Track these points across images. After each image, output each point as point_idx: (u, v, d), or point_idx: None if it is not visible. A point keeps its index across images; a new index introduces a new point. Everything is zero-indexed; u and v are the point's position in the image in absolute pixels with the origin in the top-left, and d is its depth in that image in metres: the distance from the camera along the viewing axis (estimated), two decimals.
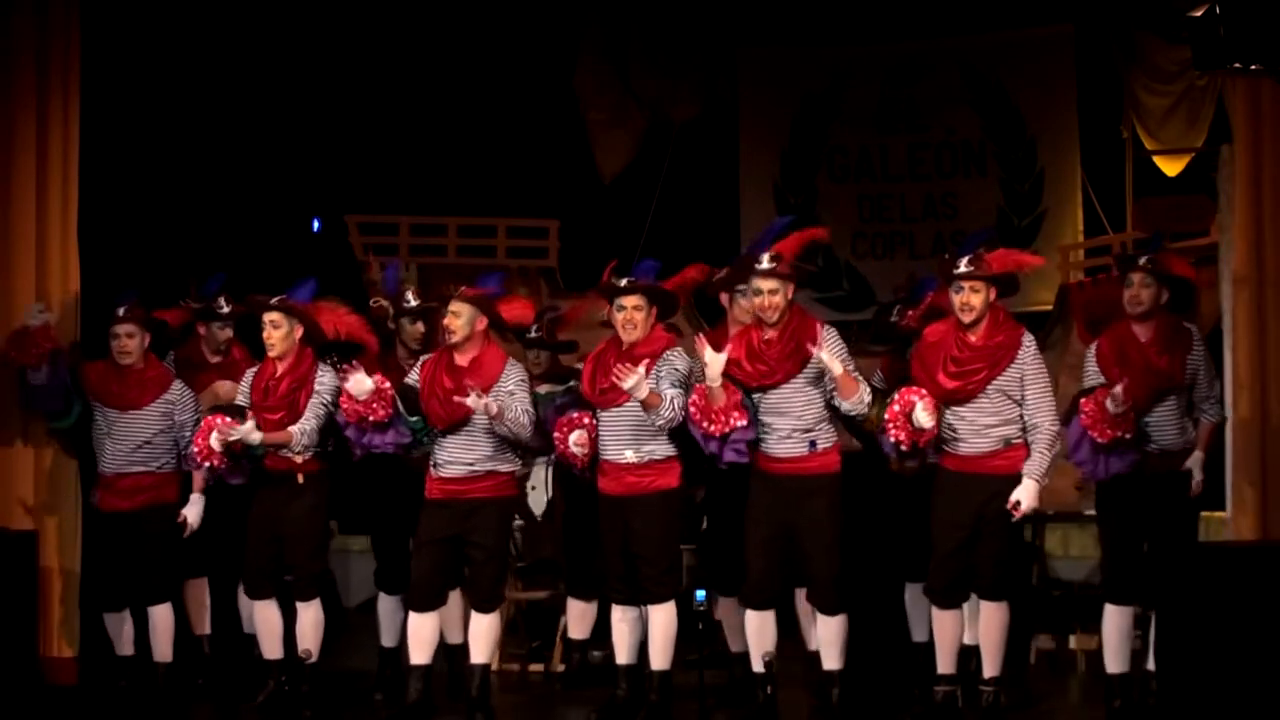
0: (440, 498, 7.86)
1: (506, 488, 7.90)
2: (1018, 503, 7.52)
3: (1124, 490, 7.64)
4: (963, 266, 7.57)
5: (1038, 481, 7.55)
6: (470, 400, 7.59)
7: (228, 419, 7.96)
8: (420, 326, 8.63)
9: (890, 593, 8.51)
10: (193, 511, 8.50)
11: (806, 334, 7.62)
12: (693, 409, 7.61)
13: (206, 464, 8.07)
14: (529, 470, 9.10)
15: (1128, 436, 7.45)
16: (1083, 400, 7.53)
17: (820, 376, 7.63)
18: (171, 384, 8.55)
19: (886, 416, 7.53)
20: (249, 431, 7.96)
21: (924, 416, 7.46)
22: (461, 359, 7.81)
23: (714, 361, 7.50)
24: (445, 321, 7.85)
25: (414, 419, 7.90)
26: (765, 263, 7.64)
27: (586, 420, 7.93)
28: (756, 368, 7.66)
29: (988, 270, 7.56)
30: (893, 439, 7.53)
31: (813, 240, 7.97)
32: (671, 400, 7.63)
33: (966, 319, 7.59)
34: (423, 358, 8.06)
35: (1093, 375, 7.67)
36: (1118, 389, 7.39)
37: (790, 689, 8.09)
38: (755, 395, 7.68)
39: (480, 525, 7.80)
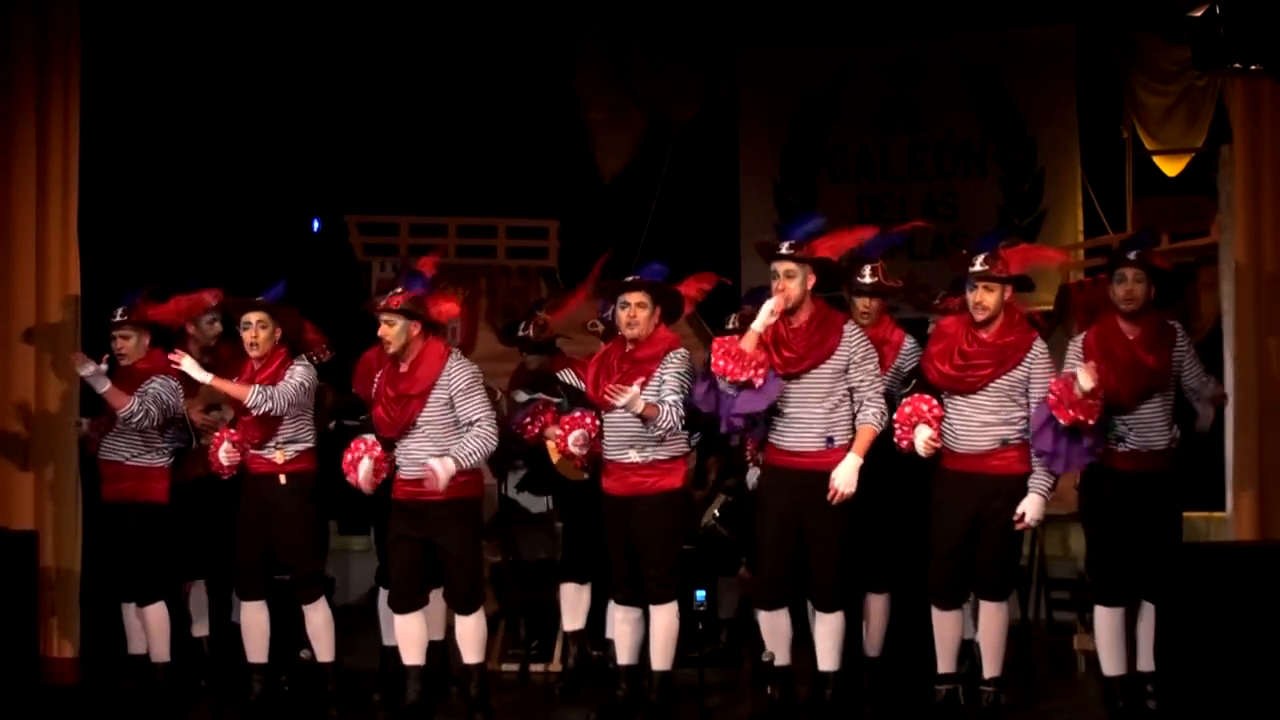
0: (402, 499, 7.81)
1: (468, 488, 7.74)
2: (1023, 515, 7.51)
3: (1108, 490, 7.60)
4: (978, 265, 7.52)
5: (1043, 495, 7.53)
6: (438, 480, 7.53)
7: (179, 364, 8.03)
8: None
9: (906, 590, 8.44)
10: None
11: (832, 326, 7.57)
12: (718, 348, 7.51)
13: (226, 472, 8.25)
14: None
15: (1090, 423, 7.32)
16: (1052, 380, 7.47)
17: (844, 371, 7.55)
18: (147, 379, 8.35)
19: (896, 418, 7.54)
20: (194, 368, 7.96)
21: (925, 434, 7.48)
22: (402, 364, 7.78)
23: (767, 311, 7.45)
24: (380, 332, 7.78)
25: None
26: (784, 248, 7.58)
27: (589, 420, 7.94)
28: (783, 354, 7.56)
29: (1004, 271, 7.52)
30: (897, 440, 7.55)
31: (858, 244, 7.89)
32: (670, 409, 7.62)
33: (980, 317, 7.55)
34: (376, 375, 8.00)
35: (1075, 367, 7.54)
36: (1084, 369, 7.32)
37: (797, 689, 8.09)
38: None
39: (444, 528, 7.73)
